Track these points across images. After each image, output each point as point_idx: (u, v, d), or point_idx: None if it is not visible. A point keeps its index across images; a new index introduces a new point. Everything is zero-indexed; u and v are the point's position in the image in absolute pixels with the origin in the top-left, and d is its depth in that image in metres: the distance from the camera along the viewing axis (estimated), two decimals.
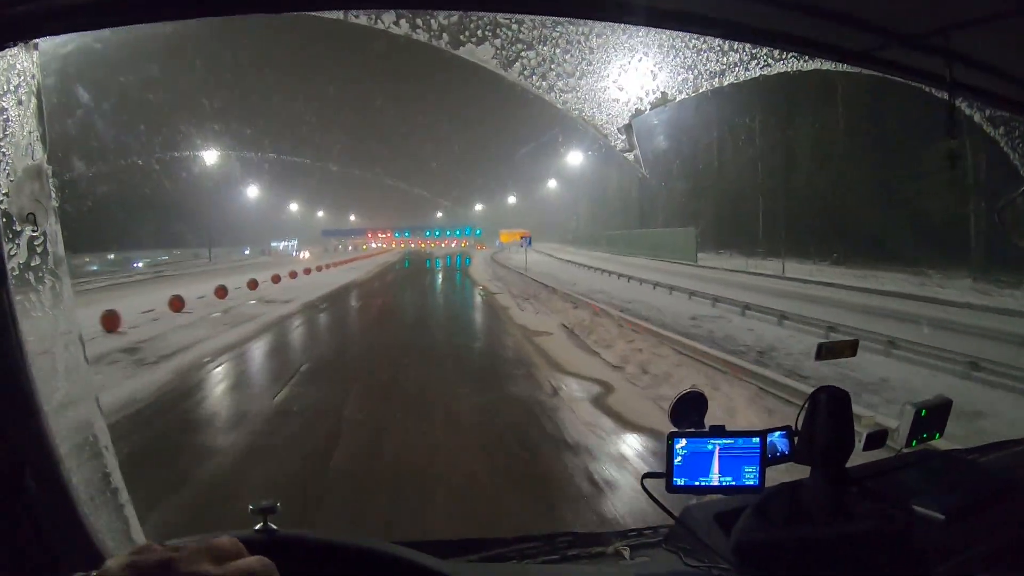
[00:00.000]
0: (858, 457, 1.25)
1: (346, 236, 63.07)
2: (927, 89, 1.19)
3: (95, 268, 25.97)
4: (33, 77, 0.88)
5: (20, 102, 0.87)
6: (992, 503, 1.19)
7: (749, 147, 26.73)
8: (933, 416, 1.34)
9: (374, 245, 60.40)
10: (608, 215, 44.65)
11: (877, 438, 1.30)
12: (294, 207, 60.93)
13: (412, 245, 60.85)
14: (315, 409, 5.94)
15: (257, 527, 0.86)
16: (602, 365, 7.85)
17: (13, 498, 0.84)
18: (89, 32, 0.86)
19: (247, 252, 47.79)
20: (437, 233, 60.41)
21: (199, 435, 5.32)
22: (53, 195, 0.91)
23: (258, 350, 9.56)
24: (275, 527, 0.90)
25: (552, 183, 50.19)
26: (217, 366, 8.11)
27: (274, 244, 55.21)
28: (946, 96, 1.20)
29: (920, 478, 1.26)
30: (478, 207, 63.13)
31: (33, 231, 0.89)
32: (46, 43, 0.89)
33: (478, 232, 56.82)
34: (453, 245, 56.89)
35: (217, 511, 3.62)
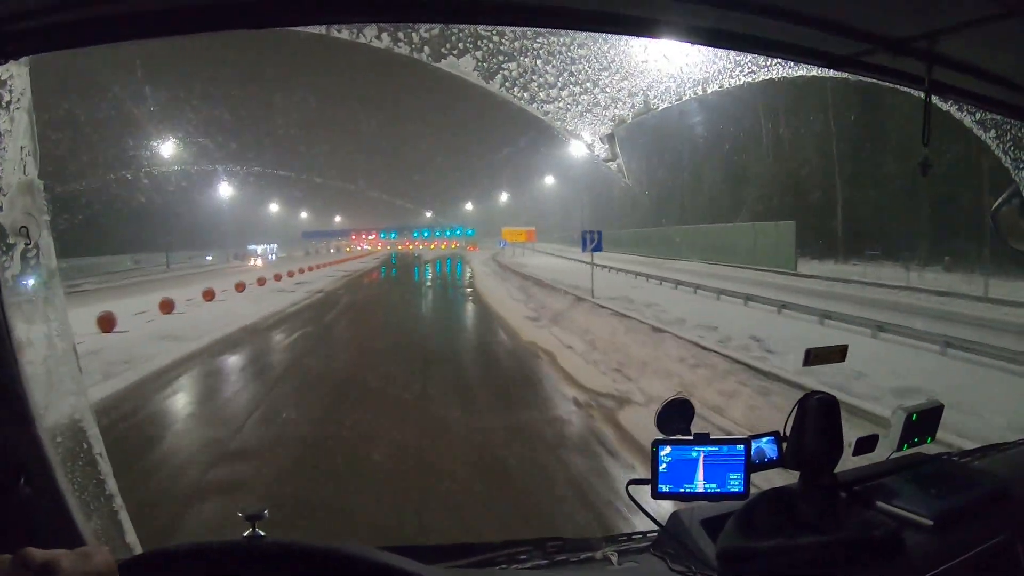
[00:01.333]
0: (848, 462, 1.25)
1: (328, 238, 58.44)
2: (914, 93, 1.18)
3: None
4: (24, 93, 0.90)
5: (12, 118, 0.89)
6: (982, 508, 1.18)
7: (820, 128, 20.48)
8: (924, 420, 1.34)
9: (360, 247, 56.42)
10: (617, 212, 38.22)
11: (866, 443, 1.30)
12: (274, 208, 56.86)
13: (399, 247, 56.21)
14: None
15: (246, 534, 0.87)
16: None
17: (9, 505, 0.86)
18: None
19: (210, 258, 41.38)
20: (426, 234, 55.59)
21: None
22: (45, 209, 0.94)
23: None
24: (263, 533, 0.91)
25: (549, 179, 44.92)
26: None
27: (251, 247, 50.08)
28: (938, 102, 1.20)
29: (910, 483, 1.26)
30: (468, 206, 57.90)
31: (26, 244, 0.92)
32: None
33: (470, 232, 52.16)
34: (443, 247, 52.64)
35: None
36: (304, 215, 63.13)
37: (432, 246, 53.54)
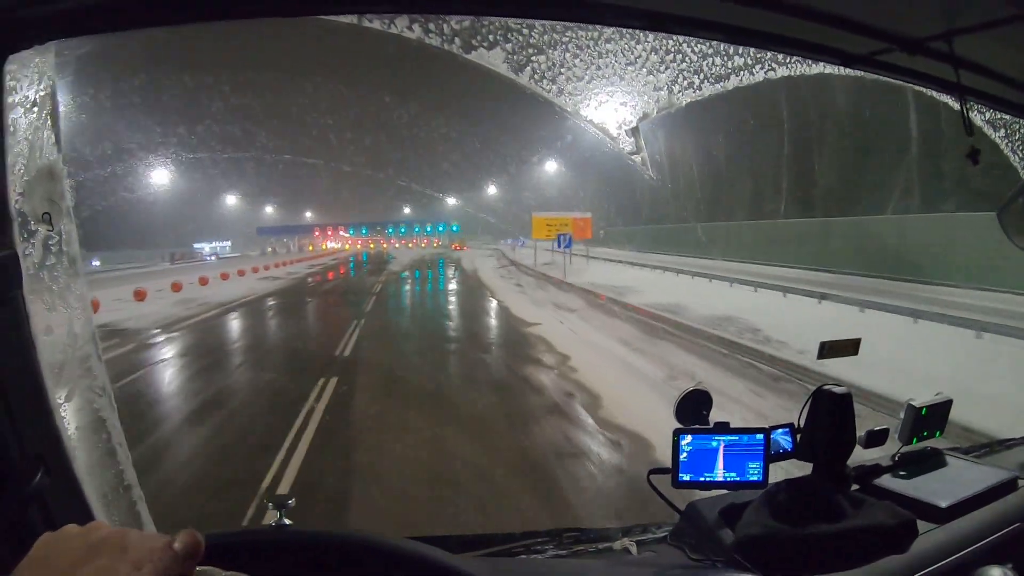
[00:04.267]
0: (859, 455, 1.27)
1: (290, 234, 51.65)
2: (931, 93, 1.20)
3: None
4: (48, 79, 0.89)
5: (35, 103, 0.88)
6: (993, 499, 1.21)
7: None
8: (934, 415, 1.36)
9: (327, 245, 48.95)
10: (644, 205, 30.28)
11: (878, 436, 1.32)
12: (232, 200, 48.05)
13: (371, 244, 49.13)
14: None
15: (272, 522, 0.87)
16: None
17: (28, 495, 0.85)
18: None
19: (96, 263, 29.55)
20: (403, 230, 48.46)
21: None
22: (68, 195, 0.92)
23: None
24: (289, 522, 0.91)
25: (554, 165, 35.44)
26: None
27: (198, 246, 42.60)
28: (948, 99, 1.22)
29: (921, 474, 1.28)
30: (451, 200, 48.61)
31: (48, 231, 0.90)
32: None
33: (455, 228, 44.96)
34: (423, 245, 46.27)
35: None
36: (269, 210, 55.35)
37: (410, 244, 46.83)
